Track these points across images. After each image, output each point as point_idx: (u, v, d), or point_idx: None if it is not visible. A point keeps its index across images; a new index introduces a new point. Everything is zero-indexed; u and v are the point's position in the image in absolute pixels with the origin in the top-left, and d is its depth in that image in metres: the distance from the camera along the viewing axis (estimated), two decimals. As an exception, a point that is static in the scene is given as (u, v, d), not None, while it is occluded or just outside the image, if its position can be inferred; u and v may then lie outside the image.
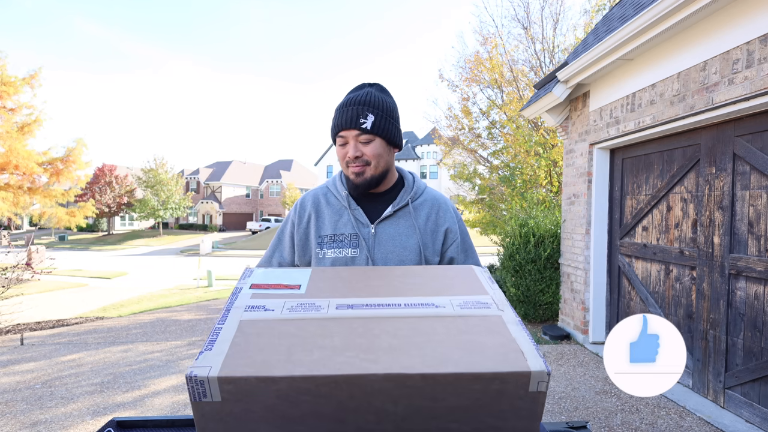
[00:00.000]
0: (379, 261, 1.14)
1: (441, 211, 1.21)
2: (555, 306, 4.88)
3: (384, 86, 1.17)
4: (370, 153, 1.09)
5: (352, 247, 1.14)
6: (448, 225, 1.20)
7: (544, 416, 2.78)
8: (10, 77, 8.65)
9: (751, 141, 2.63)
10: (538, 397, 0.62)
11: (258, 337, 0.67)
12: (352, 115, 1.07)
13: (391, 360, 0.62)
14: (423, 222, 1.18)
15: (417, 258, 1.15)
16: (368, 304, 0.78)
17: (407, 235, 1.15)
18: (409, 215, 1.17)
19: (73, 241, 31.33)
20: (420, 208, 1.19)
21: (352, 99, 1.09)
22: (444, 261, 1.22)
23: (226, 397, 0.60)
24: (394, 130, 1.13)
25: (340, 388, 0.60)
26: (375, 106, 1.08)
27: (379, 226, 1.16)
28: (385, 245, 1.14)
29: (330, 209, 1.19)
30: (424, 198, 1.22)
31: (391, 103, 1.13)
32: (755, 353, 2.58)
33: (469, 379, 0.61)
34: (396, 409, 0.62)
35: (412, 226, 1.16)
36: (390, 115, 1.11)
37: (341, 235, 1.15)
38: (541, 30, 8.01)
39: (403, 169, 1.28)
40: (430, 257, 1.17)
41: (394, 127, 1.13)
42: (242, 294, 0.80)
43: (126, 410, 2.95)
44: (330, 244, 1.15)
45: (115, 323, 6.10)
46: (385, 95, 1.14)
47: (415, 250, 1.15)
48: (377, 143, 1.10)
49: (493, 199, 8.35)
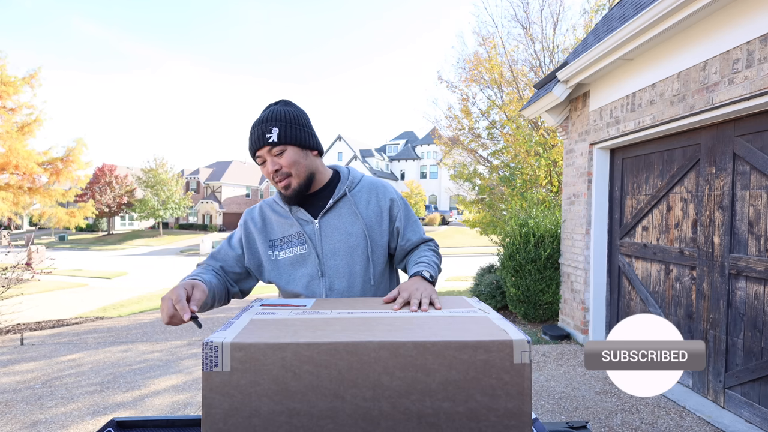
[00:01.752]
0: (327, 252, 1.20)
1: (379, 192, 1.28)
2: (555, 306, 4.88)
3: (289, 101, 1.22)
4: (286, 162, 1.14)
5: (300, 244, 1.20)
6: (391, 198, 1.28)
7: (544, 416, 2.78)
8: (10, 77, 8.64)
9: (751, 141, 2.63)
10: (523, 370, 0.66)
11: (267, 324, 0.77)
12: (258, 134, 1.13)
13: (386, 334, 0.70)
14: (364, 206, 1.24)
15: (363, 242, 1.21)
16: (368, 311, 0.88)
17: (351, 222, 1.22)
18: (350, 203, 1.23)
19: (73, 241, 31.33)
20: (359, 194, 1.26)
21: (257, 120, 1.15)
22: (393, 233, 1.28)
23: (235, 366, 0.65)
24: (303, 135, 1.17)
25: (340, 356, 0.66)
26: (277, 120, 1.13)
27: (323, 219, 1.21)
28: (331, 236, 1.21)
29: (276, 215, 1.25)
30: (362, 185, 1.28)
31: (295, 112, 1.18)
32: (755, 353, 2.58)
33: (457, 347, 0.66)
34: (391, 383, 0.66)
35: (354, 213, 1.22)
36: (295, 122, 1.15)
37: (288, 236, 1.22)
38: (540, 30, 8.01)
39: (340, 166, 1.34)
40: (377, 238, 1.23)
41: (303, 132, 1.17)
42: (253, 308, 0.91)
43: (126, 410, 2.95)
44: (280, 246, 1.22)
45: (115, 323, 6.10)
46: (289, 107, 1.18)
47: (360, 235, 1.21)
48: (290, 152, 1.14)
49: (493, 199, 8.35)
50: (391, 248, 1.30)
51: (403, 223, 1.29)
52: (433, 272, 1.15)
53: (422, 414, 0.66)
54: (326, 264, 1.19)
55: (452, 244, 22.45)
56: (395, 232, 1.28)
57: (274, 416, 0.65)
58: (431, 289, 1.03)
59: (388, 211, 1.26)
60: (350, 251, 1.20)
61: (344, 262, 1.19)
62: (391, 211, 1.27)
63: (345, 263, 1.19)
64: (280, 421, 0.65)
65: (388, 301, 0.99)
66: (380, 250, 1.24)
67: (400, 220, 1.28)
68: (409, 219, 1.31)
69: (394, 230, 1.28)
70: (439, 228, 30.75)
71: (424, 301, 0.95)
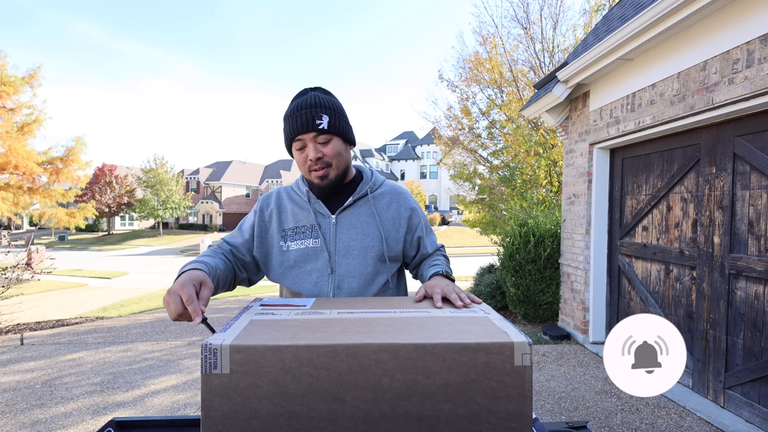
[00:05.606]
0: (341, 249, 1.17)
1: (401, 198, 1.27)
2: (555, 306, 4.88)
3: (326, 89, 1.20)
4: (330, 153, 1.12)
5: (313, 237, 1.17)
6: (412, 207, 1.27)
7: (544, 416, 2.78)
8: (10, 77, 8.64)
9: (751, 141, 2.63)
10: (524, 372, 0.66)
11: (267, 326, 0.76)
12: (306, 118, 1.08)
13: (386, 336, 0.69)
14: (384, 209, 1.23)
15: (379, 244, 1.19)
16: (367, 311, 0.87)
17: (368, 223, 1.19)
18: (369, 204, 1.21)
19: (73, 241, 31.33)
20: (380, 197, 1.24)
21: (303, 103, 1.11)
22: (413, 242, 1.27)
23: (234, 368, 0.65)
24: (348, 128, 1.16)
25: (340, 358, 0.65)
26: (327, 107, 1.11)
27: (340, 215, 1.19)
28: (347, 233, 1.18)
29: (292, 204, 1.23)
30: (384, 189, 1.27)
31: (338, 102, 1.17)
32: (755, 353, 2.58)
33: (457, 349, 0.66)
34: (391, 385, 0.66)
35: (372, 214, 1.20)
36: (341, 114, 1.14)
37: (302, 227, 1.19)
38: (540, 30, 8.02)
39: (362, 165, 1.32)
40: (393, 244, 1.21)
41: (347, 125, 1.17)
42: (252, 309, 0.90)
43: (126, 410, 2.95)
44: (292, 237, 1.19)
45: (115, 323, 6.10)
46: (331, 96, 1.17)
47: (376, 236, 1.19)
48: (335, 142, 1.12)
49: (493, 199, 8.36)
50: (408, 257, 1.29)
51: (424, 232, 1.29)
52: (449, 270, 1.18)
53: (422, 416, 0.66)
54: (338, 261, 1.16)
55: (452, 244, 22.44)
56: (416, 241, 1.27)
57: (273, 419, 0.65)
58: (457, 286, 1.03)
59: (407, 220, 1.25)
60: (364, 252, 1.17)
61: (357, 262, 1.16)
62: (411, 221, 1.25)
63: (358, 263, 1.16)
64: (280, 424, 0.65)
65: (419, 300, 0.98)
66: (394, 255, 1.22)
67: (421, 229, 1.28)
68: (428, 229, 1.31)
69: (414, 240, 1.27)
70: (439, 228, 30.75)
71: (462, 296, 0.95)
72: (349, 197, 1.20)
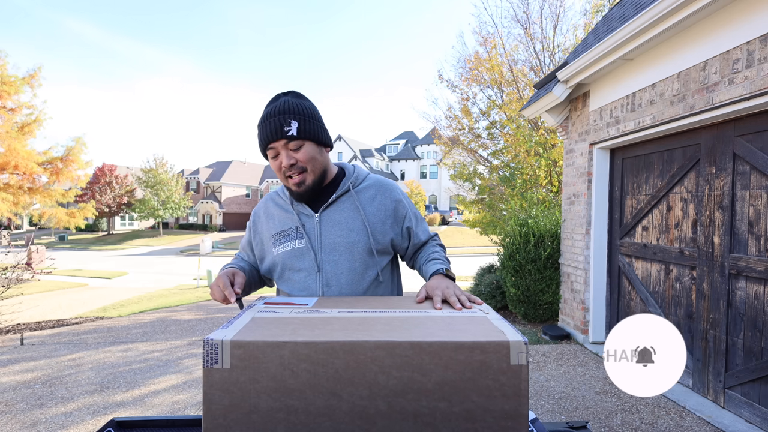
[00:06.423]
0: (327, 246, 1.17)
1: (385, 191, 1.26)
2: (555, 306, 4.88)
3: (299, 92, 1.18)
4: (303, 158, 1.11)
5: (298, 238, 1.19)
6: (397, 198, 1.26)
7: (544, 416, 2.78)
8: (10, 77, 8.64)
9: (751, 141, 2.63)
10: (520, 371, 0.66)
11: (268, 323, 0.78)
12: (275, 125, 1.08)
13: (383, 334, 0.70)
14: (368, 203, 1.22)
15: (365, 239, 1.18)
16: (367, 310, 0.89)
17: (352, 218, 1.19)
18: (353, 199, 1.21)
19: (73, 241, 31.33)
20: (363, 191, 1.24)
21: (272, 110, 1.10)
22: (403, 233, 1.27)
23: (235, 363, 0.66)
24: (319, 131, 1.15)
25: (336, 355, 0.66)
26: (296, 113, 1.10)
27: (324, 213, 1.19)
28: (331, 230, 1.18)
29: (278, 209, 1.25)
30: (368, 183, 1.26)
31: (310, 106, 1.15)
32: (755, 353, 2.58)
33: (453, 348, 0.66)
34: (387, 382, 0.66)
35: (356, 209, 1.20)
36: (312, 117, 1.13)
37: (288, 230, 1.21)
38: (540, 30, 8.02)
39: (346, 163, 1.32)
40: (380, 237, 1.21)
41: (319, 127, 1.15)
42: (256, 306, 0.92)
43: (126, 410, 2.95)
44: (280, 240, 1.21)
45: (115, 323, 6.10)
46: (303, 100, 1.16)
47: (362, 231, 1.19)
48: (307, 147, 1.12)
49: (493, 199, 8.36)
50: (401, 248, 1.29)
51: (413, 222, 1.28)
52: (449, 268, 1.17)
53: (418, 413, 0.66)
54: (324, 259, 1.16)
55: (452, 244, 22.44)
56: (406, 232, 1.27)
57: (272, 413, 0.66)
58: (458, 287, 1.03)
59: (393, 212, 1.24)
60: (351, 247, 1.16)
61: (344, 258, 1.16)
62: (397, 212, 1.24)
63: (345, 259, 1.16)
64: (279, 418, 0.66)
65: (420, 302, 0.98)
66: (383, 248, 1.22)
67: (409, 219, 1.27)
68: (418, 218, 1.31)
69: (404, 231, 1.26)
70: (439, 228, 30.75)
71: (462, 299, 0.95)
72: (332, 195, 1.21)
